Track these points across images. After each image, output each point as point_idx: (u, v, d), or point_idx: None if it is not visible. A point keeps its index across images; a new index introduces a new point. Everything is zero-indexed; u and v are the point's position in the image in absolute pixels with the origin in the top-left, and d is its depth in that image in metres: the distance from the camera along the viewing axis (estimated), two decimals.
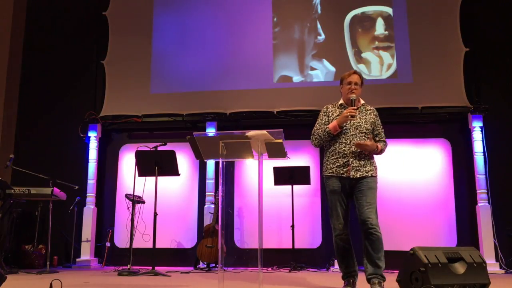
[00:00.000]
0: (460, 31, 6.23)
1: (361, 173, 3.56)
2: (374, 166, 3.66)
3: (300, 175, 5.94)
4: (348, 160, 3.58)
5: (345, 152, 3.60)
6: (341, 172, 3.59)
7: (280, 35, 6.64)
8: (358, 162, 3.57)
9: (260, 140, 3.25)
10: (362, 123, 3.67)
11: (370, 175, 3.57)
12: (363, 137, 3.62)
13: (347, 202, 3.63)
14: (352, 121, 3.64)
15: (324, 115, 3.80)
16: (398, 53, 6.36)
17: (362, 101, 3.82)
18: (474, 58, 6.28)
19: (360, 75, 3.78)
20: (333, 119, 3.70)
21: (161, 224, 5.46)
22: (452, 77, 6.16)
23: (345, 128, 3.64)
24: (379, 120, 3.81)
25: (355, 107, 3.63)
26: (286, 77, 6.54)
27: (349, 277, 3.64)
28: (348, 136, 3.63)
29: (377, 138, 3.74)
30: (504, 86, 6.23)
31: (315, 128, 3.78)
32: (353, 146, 3.59)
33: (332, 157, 3.66)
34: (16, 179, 6.19)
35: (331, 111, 3.78)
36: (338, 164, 3.61)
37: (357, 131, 3.64)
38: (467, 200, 6.04)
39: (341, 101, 3.80)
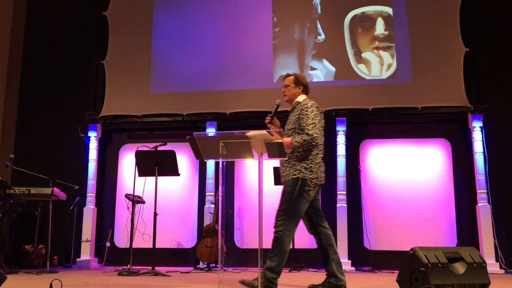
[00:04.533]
0: (460, 31, 6.23)
1: (283, 179, 3.62)
2: (295, 169, 3.51)
3: None
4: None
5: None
6: None
7: (280, 35, 6.64)
8: (282, 168, 3.62)
9: (260, 140, 3.24)
10: (285, 126, 3.67)
11: (284, 180, 3.59)
12: None
13: None
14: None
15: None
16: (398, 53, 6.35)
17: (298, 99, 3.69)
18: (474, 58, 6.28)
19: (287, 76, 3.77)
20: None
21: (161, 224, 5.45)
22: (452, 77, 6.16)
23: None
24: (306, 114, 3.52)
25: (269, 116, 3.64)
26: None
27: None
28: None
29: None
30: (504, 86, 6.22)
31: None
32: None
33: None
34: (16, 179, 6.18)
35: None
36: None
37: (285, 136, 3.61)
38: (467, 200, 6.04)
39: None
